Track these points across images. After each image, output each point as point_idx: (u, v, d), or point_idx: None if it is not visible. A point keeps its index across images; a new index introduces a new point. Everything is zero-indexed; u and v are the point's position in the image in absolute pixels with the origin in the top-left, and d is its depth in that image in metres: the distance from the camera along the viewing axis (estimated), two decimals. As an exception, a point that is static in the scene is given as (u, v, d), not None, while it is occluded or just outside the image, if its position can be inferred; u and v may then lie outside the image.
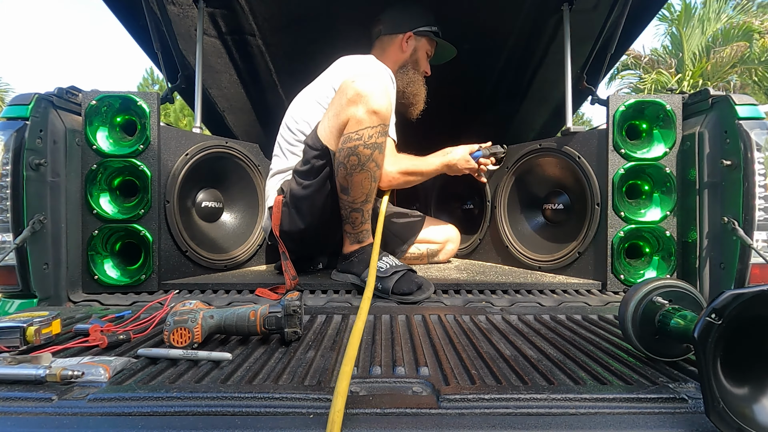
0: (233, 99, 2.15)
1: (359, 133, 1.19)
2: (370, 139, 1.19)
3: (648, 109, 1.33)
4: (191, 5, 1.59)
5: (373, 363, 0.69)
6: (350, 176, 1.21)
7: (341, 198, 1.26)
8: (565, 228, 1.57)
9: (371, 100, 1.17)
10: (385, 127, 1.21)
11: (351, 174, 1.20)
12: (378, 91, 1.19)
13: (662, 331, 0.67)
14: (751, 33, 10.07)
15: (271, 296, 1.21)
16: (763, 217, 1.14)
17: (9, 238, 1.11)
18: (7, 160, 1.11)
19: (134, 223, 1.27)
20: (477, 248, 1.88)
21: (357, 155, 1.19)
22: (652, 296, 0.70)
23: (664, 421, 0.52)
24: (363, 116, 1.18)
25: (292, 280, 1.25)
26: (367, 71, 1.36)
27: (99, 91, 1.27)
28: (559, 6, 1.60)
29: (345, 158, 1.20)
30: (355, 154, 1.19)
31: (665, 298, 0.69)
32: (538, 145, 1.61)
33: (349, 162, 1.19)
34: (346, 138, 1.20)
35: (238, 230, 1.65)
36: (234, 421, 0.52)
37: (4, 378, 0.61)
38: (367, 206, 1.27)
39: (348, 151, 1.19)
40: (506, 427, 0.51)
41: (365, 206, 1.26)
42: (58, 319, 0.80)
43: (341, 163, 1.21)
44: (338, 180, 1.24)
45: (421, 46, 1.61)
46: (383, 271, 1.19)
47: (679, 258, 1.29)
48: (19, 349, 0.73)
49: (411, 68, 1.60)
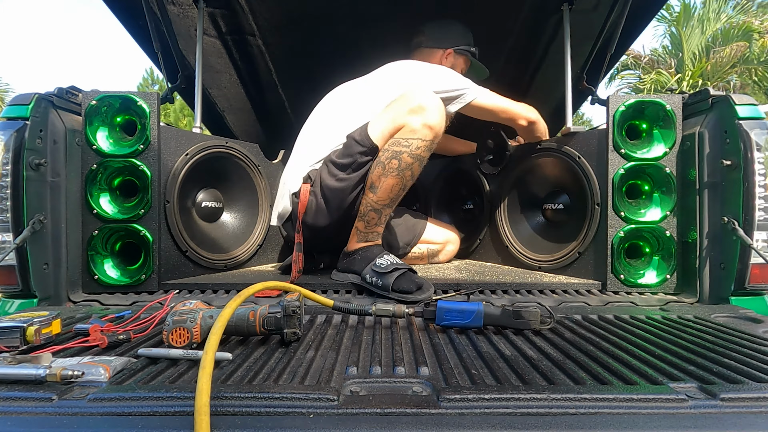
0: (233, 99, 2.15)
1: (409, 141, 1.24)
2: (416, 150, 1.24)
3: (648, 109, 1.32)
4: (191, 5, 1.59)
5: (373, 363, 0.69)
6: (384, 177, 1.25)
7: (366, 195, 1.28)
8: (565, 228, 1.57)
9: (431, 115, 1.24)
10: (433, 144, 1.27)
11: (386, 175, 1.25)
12: (438, 108, 1.26)
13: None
14: (751, 33, 10.08)
15: (271, 293, 1.21)
16: (763, 217, 1.14)
17: (9, 238, 1.11)
18: (7, 160, 1.11)
19: (134, 223, 1.26)
20: (477, 248, 1.88)
21: (399, 160, 1.24)
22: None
23: (664, 421, 0.52)
24: (418, 127, 1.23)
25: (298, 273, 1.26)
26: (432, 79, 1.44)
27: (99, 91, 1.27)
28: (559, 6, 1.60)
29: (387, 159, 1.25)
30: (397, 159, 1.24)
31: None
32: (538, 145, 1.61)
33: (390, 164, 1.24)
34: (396, 141, 1.25)
35: (238, 230, 1.65)
36: (234, 421, 0.52)
37: (4, 378, 0.61)
38: (387, 210, 1.30)
39: (392, 154, 1.24)
40: (506, 427, 0.51)
41: (385, 210, 1.29)
42: (58, 319, 0.80)
43: (381, 162, 1.25)
44: (371, 177, 1.27)
45: (458, 63, 1.67)
46: (383, 268, 1.19)
47: (679, 258, 1.29)
48: (19, 349, 0.73)
49: None
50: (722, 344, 0.78)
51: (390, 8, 1.68)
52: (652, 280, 1.30)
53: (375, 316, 0.88)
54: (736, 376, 0.63)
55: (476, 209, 1.98)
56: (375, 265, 1.20)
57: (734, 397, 0.56)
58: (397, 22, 1.73)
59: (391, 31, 1.74)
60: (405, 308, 0.88)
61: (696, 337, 0.82)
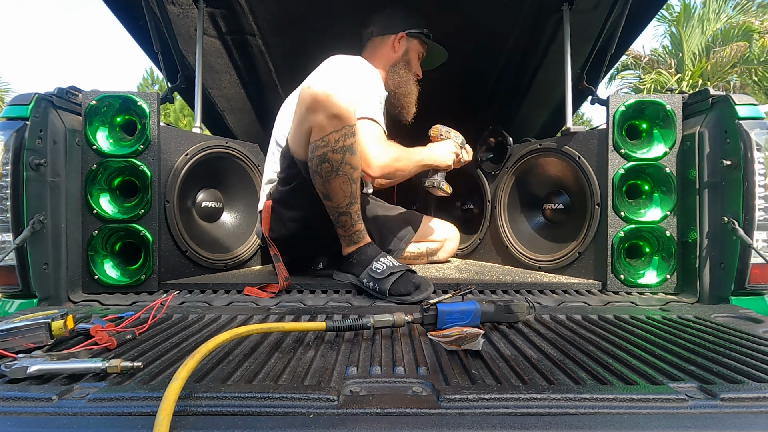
0: (233, 99, 2.15)
1: (325, 140, 1.15)
2: (337, 144, 1.15)
3: (648, 109, 1.33)
4: (191, 5, 1.59)
5: (372, 363, 0.69)
6: (328, 183, 1.18)
7: (326, 204, 1.24)
8: (565, 228, 1.57)
9: (329, 104, 1.12)
10: (350, 128, 1.17)
11: (328, 181, 1.18)
12: (335, 93, 1.13)
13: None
14: (751, 33, 10.07)
15: (260, 294, 1.21)
16: (763, 217, 1.14)
17: (9, 238, 1.11)
18: (7, 160, 1.11)
19: (134, 223, 1.27)
20: (477, 248, 1.88)
21: (329, 161, 1.16)
22: None
23: (664, 421, 0.52)
24: (324, 122, 1.14)
25: (285, 282, 1.26)
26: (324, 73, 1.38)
27: (99, 91, 1.27)
28: (559, 6, 1.60)
29: (317, 166, 1.17)
30: (326, 161, 1.16)
31: None
32: (538, 145, 1.61)
33: (323, 169, 1.17)
34: (314, 146, 1.17)
35: (238, 230, 1.65)
36: (234, 421, 0.52)
37: (62, 372, 0.63)
38: (353, 208, 1.24)
39: (318, 159, 1.17)
40: (506, 427, 0.51)
41: (351, 209, 1.23)
42: (70, 315, 0.80)
43: (315, 172, 1.19)
44: (317, 188, 1.22)
45: (412, 47, 1.62)
46: (379, 273, 1.18)
47: (679, 258, 1.29)
48: (47, 344, 0.74)
49: (403, 68, 1.61)
50: (722, 344, 0.78)
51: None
52: (652, 280, 1.30)
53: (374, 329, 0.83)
54: (736, 376, 0.63)
55: (476, 209, 1.98)
56: (371, 270, 1.20)
57: (734, 397, 0.56)
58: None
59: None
60: (405, 316, 0.85)
61: (696, 337, 0.82)
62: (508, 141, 1.70)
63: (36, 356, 0.66)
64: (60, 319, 0.77)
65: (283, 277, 1.26)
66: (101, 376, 0.63)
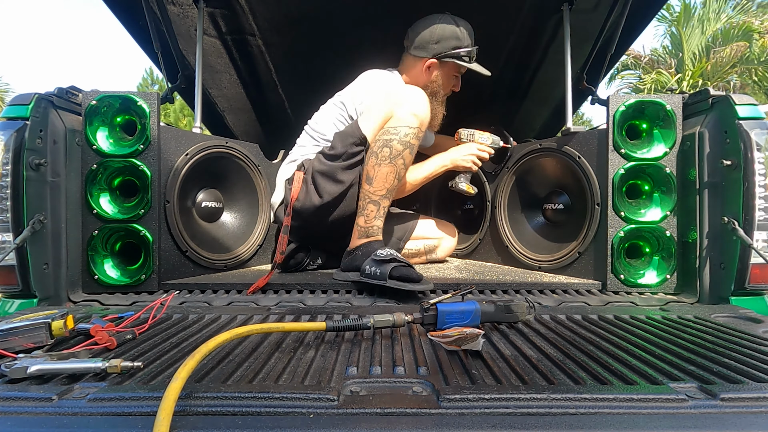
0: (233, 99, 2.15)
1: (397, 129, 1.32)
2: (405, 137, 1.31)
3: (648, 109, 1.32)
4: (191, 5, 1.59)
5: (373, 363, 0.69)
6: (378, 166, 1.31)
7: (363, 188, 1.33)
8: (565, 228, 1.57)
9: (415, 104, 1.33)
10: (421, 131, 1.35)
11: (380, 164, 1.30)
12: (422, 99, 1.36)
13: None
14: (751, 33, 10.07)
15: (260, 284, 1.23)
16: (763, 217, 1.14)
17: (9, 238, 1.11)
18: (7, 160, 1.11)
19: (134, 223, 1.27)
20: (477, 248, 1.88)
21: (390, 148, 1.31)
22: None
23: (664, 421, 0.52)
24: (405, 115, 1.32)
25: (281, 254, 1.31)
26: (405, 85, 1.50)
27: (99, 91, 1.27)
28: (559, 6, 1.60)
29: (379, 148, 1.31)
30: (388, 147, 1.31)
31: None
32: (538, 145, 1.61)
33: (382, 153, 1.31)
34: (385, 130, 1.33)
35: (238, 230, 1.65)
36: (234, 421, 0.52)
37: (62, 372, 0.63)
38: (384, 202, 1.33)
39: (383, 143, 1.31)
40: (506, 427, 0.51)
41: (383, 201, 1.32)
42: (70, 315, 0.80)
43: (374, 152, 1.32)
44: (366, 169, 1.33)
45: (446, 71, 1.58)
46: (383, 257, 1.18)
47: (679, 258, 1.29)
48: (47, 344, 0.74)
49: (429, 92, 1.53)
50: (722, 344, 0.78)
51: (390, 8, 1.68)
52: (652, 280, 1.30)
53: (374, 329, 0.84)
54: (736, 376, 0.63)
55: (476, 209, 1.98)
56: (375, 255, 1.20)
57: (734, 397, 0.56)
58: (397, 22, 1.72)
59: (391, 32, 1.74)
60: (405, 316, 0.84)
61: (696, 337, 0.82)
62: (509, 141, 1.70)
63: (36, 356, 0.66)
64: (60, 319, 0.77)
65: (280, 250, 1.30)
66: (101, 376, 0.63)
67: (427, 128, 1.62)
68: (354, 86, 1.53)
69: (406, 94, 1.35)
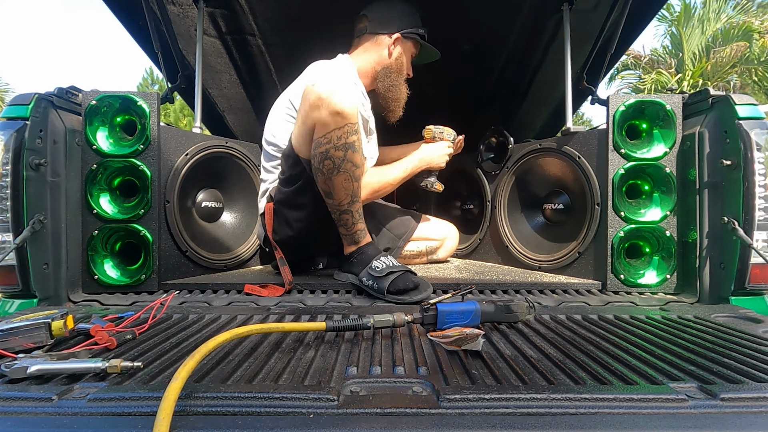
0: (233, 99, 2.15)
1: (327, 137, 1.16)
2: (339, 141, 1.16)
3: (648, 109, 1.33)
4: (191, 5, 1.59)
5: (373, 363, 0.69)
6: (329, 180, 1.19)
7: (327, 203, 1.24)
8: (565, 228, 1.57)
9: (332, 101, 1.14)
10: (353, 125, 1.18)
11: (329, 178, 1.18)
12: (338, 91, 1.15)
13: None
14: (751, 33, 10.07)
15: (261, 292, 1.21)
16: (763, 217, 1.14)
17: (9, 238, 1.11)
18: (7, 160, 1.11)
19: (134, 223, 1.27)
20: (477, 248, 1.88)
21: (330, 159, 1.17)
22: None
23: (664, 421, 0.52)
24: (327, 119, 1.15)
25: (289, 284, 1.26)
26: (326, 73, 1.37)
27: (99, 91, 1.27)
28: (559, 6, 1.60)
29: (320, 164, 1.18)
30: (328, 158, 1.17)
31: None
32: (538, 145, 1.61)
33: (325, 166, 1.18)
34: (316, 143, 1.18)
35: (238, 230, 1.65)
36: (234, 421, 0.52)
37: (62, 372, 0.63)
38: (355, 206, 1.24)
39: (321, 156, 1.18)
40: (506, 427, 0.51)
41: (353, 207, 1.24)
42: (70, 315, 0.80)
43: (318, 169, 1.20)
44: (320, 186, 1.22)
45: (406, 48, 1.57)
46: (379, 271, 1.18)
47: (679, 258, 1.29)
48: (47, 344, 0.74)
49: (395, 72, 1.55)
50: (722, 344, 0.78)
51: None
52: (652, 280, 1.30)
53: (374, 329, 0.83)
54: (736, 376, 0.63)
55: (476, 209, 1.98)
56: (371, 269, 1.20)
57: (734, 397, 0.56)
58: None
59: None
60: (405, 316, 0.84)
61: (696, 337, 0.82)
62: (508, 141, 1.70)
63: (36, 356, 0.66)
64: (60, 319, 0.77)
65: (287, 281, 1.26)
66: (101, 376, 0.63)
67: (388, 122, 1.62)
68: (298, 82, 1.48)
69: (321, 92, 1.15)
